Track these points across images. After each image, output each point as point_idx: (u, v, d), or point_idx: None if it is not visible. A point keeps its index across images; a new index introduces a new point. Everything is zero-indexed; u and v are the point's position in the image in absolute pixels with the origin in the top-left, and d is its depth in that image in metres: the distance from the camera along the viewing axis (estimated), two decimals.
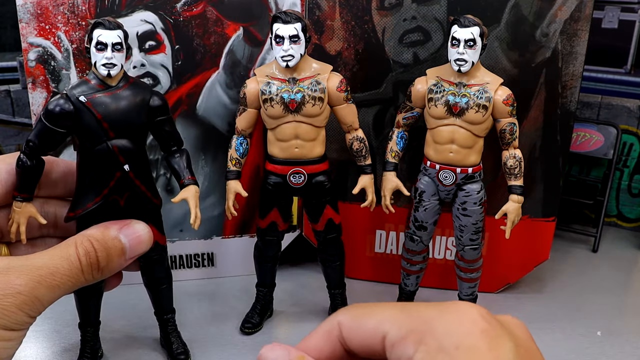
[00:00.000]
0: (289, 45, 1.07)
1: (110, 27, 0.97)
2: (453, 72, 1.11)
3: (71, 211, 1.03)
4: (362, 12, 1.30)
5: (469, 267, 1.22)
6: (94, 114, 0.97)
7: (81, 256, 0.87)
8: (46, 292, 0.84)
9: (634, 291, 1.54)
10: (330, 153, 1.27)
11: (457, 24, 1.08)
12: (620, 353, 1.23)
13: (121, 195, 1.01)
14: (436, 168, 1.17)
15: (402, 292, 1.30)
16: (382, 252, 1.48)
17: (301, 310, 1.36)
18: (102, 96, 0.98)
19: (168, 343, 1.20)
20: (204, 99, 1.36)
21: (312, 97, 1.11)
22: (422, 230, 1.22)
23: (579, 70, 1.29)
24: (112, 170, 0.99)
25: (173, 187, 1.39)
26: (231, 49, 1.34)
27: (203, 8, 1.30)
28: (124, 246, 0.94)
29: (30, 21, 1.22)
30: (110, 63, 0.97)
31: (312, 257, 1.58)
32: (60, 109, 0.96)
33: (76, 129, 0.98)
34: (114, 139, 0.98)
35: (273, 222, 1.20)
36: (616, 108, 1.80)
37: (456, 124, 1.12)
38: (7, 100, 1.71)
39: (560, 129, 1.33)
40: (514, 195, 1.16)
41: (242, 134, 1.18)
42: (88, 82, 0.99)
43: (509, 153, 1.16)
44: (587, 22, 1.25)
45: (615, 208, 1.90)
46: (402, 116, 1.20)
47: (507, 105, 1.11)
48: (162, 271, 1.15)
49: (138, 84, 1.03)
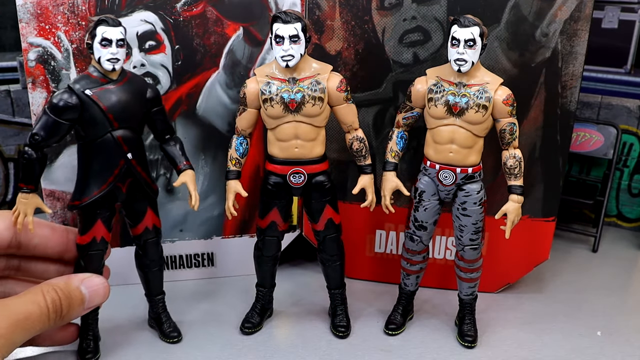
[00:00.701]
0: (289, 45, 1.07)
1: (113, 24, 1.03)
2: (453, 72, 1.11)
3: (76, 200, 1.08)
4: (362, 12, 1.30)
5: (468, 267, 1.22)
6: (99, 106, 1.03)
7: (49, 303, 0.93)
8: (20, 335, 0.89)
9: (634, 291, 1.54)
10: (330, 153, 1.27)
11: (457, 23, 1.08)
12: (620, 353, 1.23)
13: (123, 182, 1.09)
14: (436, 168, 1.17)
15: (402, 292, 1.30)
16: (382, 252, 1.48)
17: (301, 310, 1.36)
18: (106, 89, 1.04)
19: (159, 323, 1.24)
20: (204, 99, 1.36)
21: (312, 97, 1.11)
22: (422, 230, 1.22)
23: (579, 70, 1.29)
24: (116, 159, 1.06)
25: (173, 187, 1.39)
26: (231, 49, 1.34)
27: (203, 8, 1.30)
28: (84, 297, 1.01)
29: (30, 21, 1.23)
30: (115, 58, 1.03)
31: (312, 257, 1.58)
32: (66, 102, 1.02)
33: (81, 121, 1.04)
34: (117, 130, 1.05)
35: (273, 222, 1.20)
36: (616, 108, 1.80)
37: (456, 124, 1.12)
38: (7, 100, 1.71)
39: (560, 129, 1.33)
40: (514, 195, 1.16)
41: (242, 134, 1.18)
42: (90, 76, 1.05)
43: (509, 153, 1.16)
44: (587, 22, 1.25)
45: (615, 208, 1.90)
46: (402, 116, 1.20)
47: (507, 105, 1.11)
48: (156, 253, 1.20)
49: (135, 77, 1.10)
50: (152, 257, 1.19)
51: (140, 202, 1.14)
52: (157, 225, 1.18)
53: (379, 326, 1.30)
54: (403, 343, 1.25)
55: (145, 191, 1.13)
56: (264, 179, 1.19)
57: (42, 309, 0.93)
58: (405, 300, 1.31)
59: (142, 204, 1.15)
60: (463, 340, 1.24)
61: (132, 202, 1.14)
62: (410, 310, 1.33)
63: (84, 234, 1.09)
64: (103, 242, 1.10)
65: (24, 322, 0.89)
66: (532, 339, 1.28)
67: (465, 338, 1.24)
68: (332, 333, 1.27)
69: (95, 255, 1.11)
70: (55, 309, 0.95)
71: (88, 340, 1.17)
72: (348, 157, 1.37)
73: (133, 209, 1.15)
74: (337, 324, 1.27)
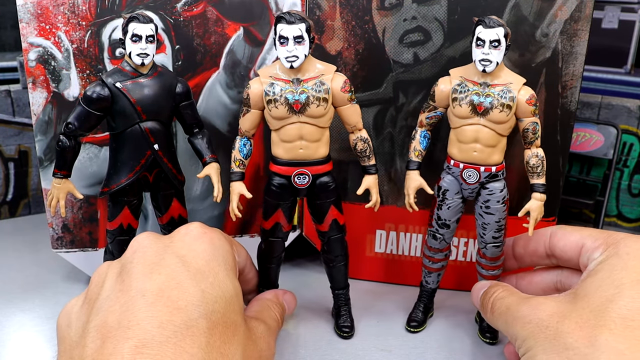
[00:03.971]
0: (294, 46, 1.07)
1: (144, 21, 1.09)
2: (477, 72, 1.13)
3: (106, 187, 1.15)
4: (363, 12, 1.30)
5: (490, 265, 1.23)
6: (128, 98, 1.09)
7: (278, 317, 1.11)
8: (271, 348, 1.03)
9: None
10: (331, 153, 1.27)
11: (482, 24, 1.09)
12: None
13: (150, 172, 1.15)
14: (460, 167, 1.18)
15: (423, 289, 1.32)
16: (382, 252, 1.48)
17: (301, 310, 1.36)
18: (135, 83, 1.11)
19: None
20: (204, 99, 1.36)
21: (316, 97, 1.11)
22: (445, 228, 1.23)
23: (579, 70, 1.29)
24: (143, 149, 1.12)
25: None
26: (231, 49, 1.34)
27: (203, 8, 1.30)
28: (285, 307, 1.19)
29: (31, 21, 1.23)
30: (144, 53, 1.09)
31: (312, 257, 1.58)
32: (98, 94, 1.09)
33: (112, 112, 1.11)
34: (145, 121, 1.11)
35: (277, 223, 1.20)
36: (616, 108, 1.80)
37: (480, 123, 1.13)
38: (7, 100, 1.71)
39: (560, 129, 1.33)
40: (537, 193, 1.18)
41: (246, 135, 1.18)
42: (122, 70, 1.12)
43: (532, 152, 1.17)
44: (587, 22, 1.25)
45: (616, 208, 1.90)
46: (426, 115, 1.21)
47: (530, 104, 1.13)
48: None
49: (165, 72, 1.16)
50: None
51: (166, 192, 1.19)
52: (182, 216, 1.22)
53: (379, 326, 1.30)
54: (403, 343, 1.25)
55: (172, 182, 1.18)
56: (268, 180, 1.19)
57: (278, 323, 1.12)
58: (426, 298, 1.32)
59: (169, 194, 1.19)
60: (484, 337, 1.26)
61: (158, 191, 1.19)
62: (430, 307, 1.34)
63: (112, 220, 1.16)
64: (130, 229, 1.16)
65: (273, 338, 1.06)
66: None
67: (486, 335, 1.26)
68: (337, 333, 1.27)
69: (123, 242, 1.16)
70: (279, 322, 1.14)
71: None
72: (348, 157, 1.38)
73: (159, 198, 1.19)
74: (341, 324, 1.27)
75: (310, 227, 1.45)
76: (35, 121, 1.29)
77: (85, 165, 1.33)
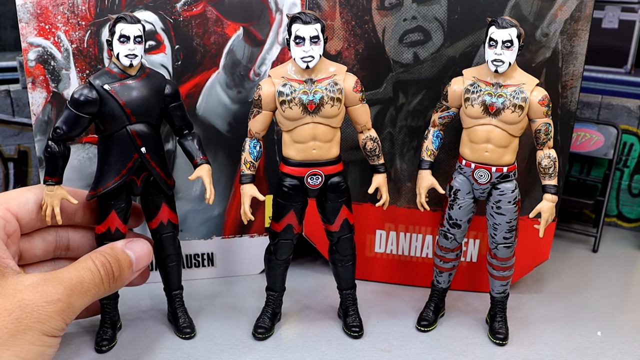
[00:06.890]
0: (310, 46, 1.07)
1: (131, 22, 1.06)
2: (489, 72, 1.13)
3: (93, 190, 1.14)
4: (362, 12, 1.30)
5: (501, 265, 1.23)
6: (117, 100, 1.07)
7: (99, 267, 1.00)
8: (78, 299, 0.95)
9: (634, 291, 1.54)
10: None
11: (494, 25, 1.09)
12: (620, 353, 1.23)
13: (138, 176, 1.13)
14: (471, 167, 1.18)
15: (434, 289, 1.31)
16: (382, 252, 1.48)
17: (301, 310, 1.36)
18: (124, 84, 1.08)
19: (175, 318, 1.26)
20: (204, 99, 1.36)
21: (330, 97, 1.10)
22: (456, 228, 1.23)
23: (579, 70, 1.29)
24: (130, 152, 1.10)
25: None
26: (231, 48, 1.34)
27: (203, 8, 1.30)
28: (131, 259, 1.06)
29: (30, 21, 1.22)
30: (133, 54, 1.07)
31: (313, 257, 1.58)
32: (86, 97, 1.06)
33: (100, 114, 1.08)
34: (134, 124, 1.09)
35: (289, 225, 1.19)
36: (616, 108, 1.80)
37: (492, 123, 1.13)
38: (7, 100, 1.71)
39: (560, 129, 1.33)
40: (548, 194, 1.17)
41: (256, 137, 1.16)
42: (110, 72, 1.09)
43: (544, 153, 1.17)
44: (587, 22, 1.25)
45: (616, 208, 1.90)
46: (438, 115, 1.21)
47: (543, 105, 1.12)
48: (173, 248, 1.22)
49: (154, 74, 1.14)
50: (168, 251, 1.21)
51: (155, 196, 1.17)
52: (172, 221, 1.20)
53: (379, 326, 1.30)
54: (403, 343, 1.25)
55: (160, 186, 1.15)
56: (279, 181, 1.18)
57: (93, 272, 0.99)
58: (437, 298, 1.32)
59: (157, 199, 1.17)
60: (495, 338, 1.25)
61: (147, 196, 1.17)
62: (441, 307, 1.33)
63: (99, 224, 1.14)
64: (118, 233, 1.13)
65: (79, 287, 0.95)
66: (532, 338, 1.28)
67: (497, 335, 1.25)
68: (346, 333, 1.27)
69: None
70: (106, 272, 1.01)
71: (105, 328, 1.20)
72: (350, 156, 1.38)
73: (148, 203, 1.17)
74: (350, 324, 1.27)
75: (310, 227, 1.45)
76: (35, 121, 1.29)
77: (85, 166, 1.33)
